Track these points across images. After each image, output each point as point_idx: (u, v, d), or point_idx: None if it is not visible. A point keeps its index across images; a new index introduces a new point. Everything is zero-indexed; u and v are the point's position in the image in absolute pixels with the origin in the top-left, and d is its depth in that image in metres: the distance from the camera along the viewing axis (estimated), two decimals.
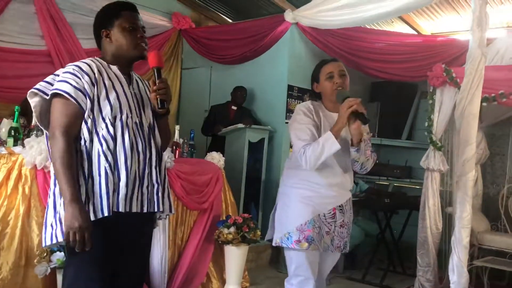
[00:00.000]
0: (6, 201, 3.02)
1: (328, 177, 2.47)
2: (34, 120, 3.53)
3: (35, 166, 3.07)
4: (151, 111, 1.98)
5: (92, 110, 1.81)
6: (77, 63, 1.87)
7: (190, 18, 6.40)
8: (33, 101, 1.85)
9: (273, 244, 2.54)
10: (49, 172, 3.11)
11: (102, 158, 1.79)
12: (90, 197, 1.78)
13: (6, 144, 3.31)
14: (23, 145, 3.16)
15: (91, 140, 1.81)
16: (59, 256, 2.95)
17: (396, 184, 5.95)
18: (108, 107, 1.83)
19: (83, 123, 1.81)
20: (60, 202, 1.79)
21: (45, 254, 2.97)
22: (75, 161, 1.77)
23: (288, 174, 2.58)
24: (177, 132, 4.21)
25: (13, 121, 3.41)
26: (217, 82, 6.17)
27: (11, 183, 3.07)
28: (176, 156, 3.99)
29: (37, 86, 1.83)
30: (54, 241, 1.79)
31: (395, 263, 5.06)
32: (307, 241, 2.41)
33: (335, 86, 2.47)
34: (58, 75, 1.85)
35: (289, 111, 5.42)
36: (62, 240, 1.76)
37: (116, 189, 1.80)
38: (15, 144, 3.27)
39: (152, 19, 5.83)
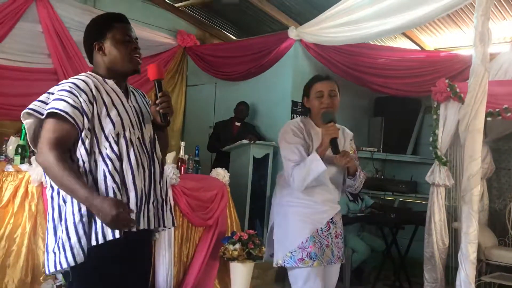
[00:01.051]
0: (13, 218, 3.04)
1: (322, 193, 2.50)
2: None
3: (41, 183, 3.09)
4: (151, 124, 1.92)
5: (92, 129, 1.73)
6: (72, 80, 1.77)
7: (195, 36, 6.47)
8: (27, 122, 1.75)
9: (274, 264, 2.53)
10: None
11: (109, 178, 1.72)
12: (98, 220, 1.68)
13: (13, 162, 3.34)
14: (30, 163, 3.19)
15: (95, 161, 1.73)
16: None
17: (402, 199, 5.92)
18: (111, 125, 1.75)
19: (80, 143, 1.72)
20: (60, 227, 1.71)
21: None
22: (73, 166, 1.68)
23: (282, 192, 2.58)
24: (182, 149, 4.23)
25: (20, 139, 3.44)
26: (222, 99, 6.21)
27: (17, 200, 3.09)
28: (182, 173, 4.00)
29: (31, 106, 1.74)
30: (58, 268, 1.70)
31: (401, 278, 5.01)
32: (311, 258, 2.42)
33: (322, 106, 2.49)
34: (52, 93, 1.75)
35: None
36: (67, 267, 1.69)
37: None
38: (22, 162, 3.30)
39: (157, 37, 5.90)
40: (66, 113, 1.68)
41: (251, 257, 3.85)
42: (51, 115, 1.70)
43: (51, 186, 1.76)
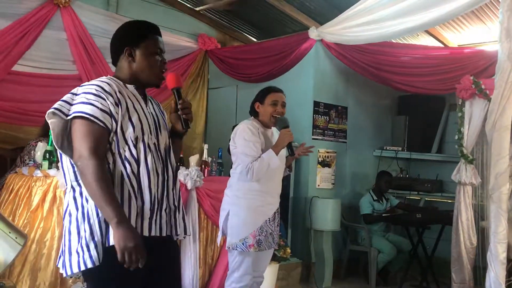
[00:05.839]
0: (43, 223, 3.11)
1: (273, 186, 2.95)
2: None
3: None
4: (166, 132, 1.93)
5: (115, 131, 1.74)
6: (97, 82, 1.78)
7: (216, 39, 6.51)
8: (52, 122, 1.74)
9: (226, 248, 2.88)
10: None
11: (126, 181, 1.73)
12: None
13: (41, 167, 3.41)
14: (58, 168, 3.25)
15: (114, 162, 1.73)
16: None
17: (427, 198, 5.84)
18: (131, 129, 1.76)
19: (108, 145, 1.74)
20: (83, 226, 1.69)
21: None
22: (109, 183, 1.68)
23: (239, 185, 2.90)
24: (205, 151, 4.25)
25: (47, 144, 3.51)
26: (243, 101, 6.22)
27: (46, 205, 3.15)
28: (205, 175, 4.03)
29: (56, 105, 1.74)
30: (83, 268, 1.68)
31: (428, 279, 4.95)
32: (258, 245, 2.82)
33: (275, 113, 2.94)
34: (76, 94, 1.77)
35: (316, 127, 5.42)
36: (92, 266, 1.67)
37: (139, 213, 1.74)
38: (49, 167, 3.37)
39: (178, 41, 5.96)
40: (97, 118, 1.70)
41: (276, 259, 3.85)
42: (78, 118, 1.70)
43: (72, 187, 1.78)
